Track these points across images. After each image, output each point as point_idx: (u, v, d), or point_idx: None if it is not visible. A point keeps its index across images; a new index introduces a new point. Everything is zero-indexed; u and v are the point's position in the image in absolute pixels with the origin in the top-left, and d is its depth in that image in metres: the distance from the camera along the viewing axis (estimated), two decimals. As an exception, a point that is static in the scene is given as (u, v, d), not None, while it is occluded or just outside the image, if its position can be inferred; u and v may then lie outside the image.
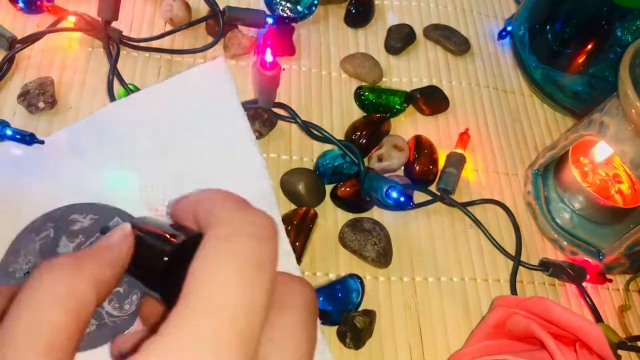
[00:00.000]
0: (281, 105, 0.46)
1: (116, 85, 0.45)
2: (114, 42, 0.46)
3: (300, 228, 0.40)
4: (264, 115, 0.45)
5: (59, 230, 0.35)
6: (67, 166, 0.38)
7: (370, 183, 0.42)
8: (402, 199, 0.41)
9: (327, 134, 0.45)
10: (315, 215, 0.42)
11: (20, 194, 0.37)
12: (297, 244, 0.39)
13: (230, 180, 0.39)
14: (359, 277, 0.40)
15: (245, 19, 0.50)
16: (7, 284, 0.32)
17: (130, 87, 0.44)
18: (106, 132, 0.39)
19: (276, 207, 0.39)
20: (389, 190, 0.41)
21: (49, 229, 0.35)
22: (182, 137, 0.40)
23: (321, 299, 0.38)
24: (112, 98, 0.44)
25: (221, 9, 0.50)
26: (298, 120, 0.45)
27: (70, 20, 0.47)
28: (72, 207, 0.36)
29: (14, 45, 0.44)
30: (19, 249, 0.33)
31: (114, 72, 0.45)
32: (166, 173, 0.39)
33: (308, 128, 0.45)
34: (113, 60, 0.45)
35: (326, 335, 0.38)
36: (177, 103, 0.41)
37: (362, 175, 0.42)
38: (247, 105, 0.45)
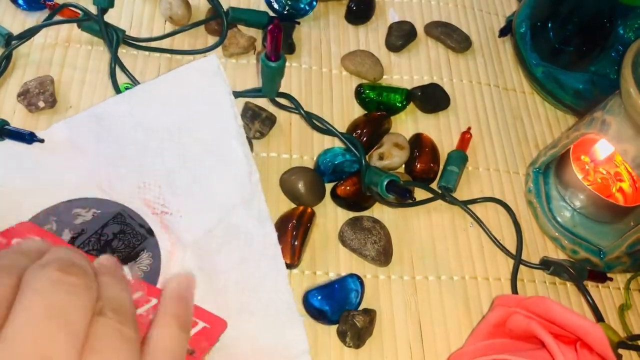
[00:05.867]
0: (285, 95, 0.45)
1: (121, 79, 0.45)
2: (112, 31, 0.45)
3: (298, 227, 0.40)
4: (262, 114, 0.45)
5: (61, 224, 0.36)
6: (66, 162, 0.39)
7: (371, 177, 0.41)
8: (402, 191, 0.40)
9: (328, 125, 0.44)
10: (313, 214, 0.42)
11: (21, 191, 0.37)
12: (296, 243, 0.39)
13: (217, 179, 0.39)
14: (358, 277, 0.40)
15: (248, 19, 0.50)
16: None
17: (129, 86, 0.44)
18: (104, 128, 0.40)
19: (264, 210, 0.39)
20: (389, 184, 0.40)
21: (51, 222, 0.36)
22: (175, 134, 0.40)
23: (319, 298, 0.38)
24: (115, 86, 0.44)
25: (225, 10, 0.49)
26: (301, 110, 0.44)
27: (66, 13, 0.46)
28: (74, 201, 0.37)
29: (11, 41, 0.44)
30: None
31: (115, 61, 0.45)
32: (161, 169, 0.39)
33: (311, 119, 0.45)
34: (114, 49, 0.45)
35: (326, 334, 0.38)
36: (171, 100, 0.41)
37: (363, 168, 0.42)
38: (251, 95, 0.45)
